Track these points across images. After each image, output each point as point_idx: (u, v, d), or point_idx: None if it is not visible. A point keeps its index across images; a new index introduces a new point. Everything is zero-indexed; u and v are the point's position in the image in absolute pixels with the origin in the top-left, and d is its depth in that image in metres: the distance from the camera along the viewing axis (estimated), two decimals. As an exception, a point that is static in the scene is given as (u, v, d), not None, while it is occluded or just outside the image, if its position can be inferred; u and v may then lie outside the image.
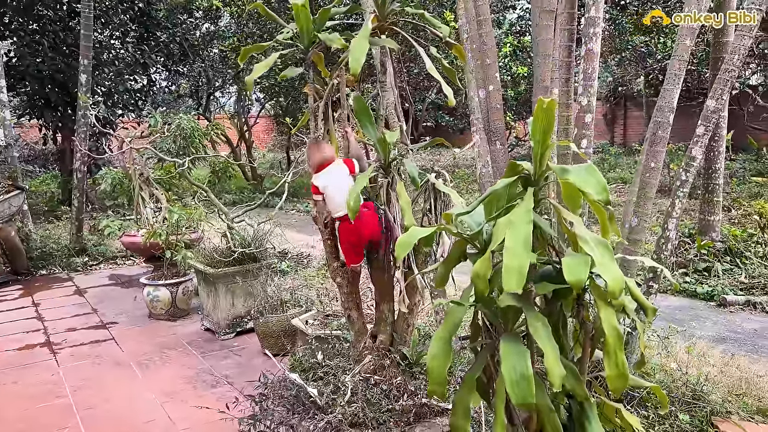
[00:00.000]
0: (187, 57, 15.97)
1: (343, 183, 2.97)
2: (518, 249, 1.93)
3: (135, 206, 7.06)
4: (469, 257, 2.38)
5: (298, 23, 2.91)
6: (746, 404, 3.81)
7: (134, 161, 7.05)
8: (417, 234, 2.16)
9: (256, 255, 5.35)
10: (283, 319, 4.79)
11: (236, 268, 5.26)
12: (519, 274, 1.89)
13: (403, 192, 2.78)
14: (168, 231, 5.94)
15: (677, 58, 3.93)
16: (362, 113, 2.99)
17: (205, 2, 14.94)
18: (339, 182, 2.99)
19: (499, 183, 2.20)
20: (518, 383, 1.99)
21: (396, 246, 2.15)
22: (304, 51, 2.99)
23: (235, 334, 5.37)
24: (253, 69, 2.79)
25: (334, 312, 4.67)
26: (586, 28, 3.73)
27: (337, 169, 3.03)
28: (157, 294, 5.85)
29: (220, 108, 23.29)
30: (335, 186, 3.00)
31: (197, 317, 5.95)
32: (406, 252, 2.14)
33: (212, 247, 5.60)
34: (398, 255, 2.14)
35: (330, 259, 3.19)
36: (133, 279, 7.57)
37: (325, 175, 3.03)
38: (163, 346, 5.24)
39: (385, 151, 2.91)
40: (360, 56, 2.62)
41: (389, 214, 2.93)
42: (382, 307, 3.18)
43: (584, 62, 3.73)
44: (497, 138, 4.16)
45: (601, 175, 1.98)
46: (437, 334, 2.16)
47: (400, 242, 2.15)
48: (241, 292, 5.36)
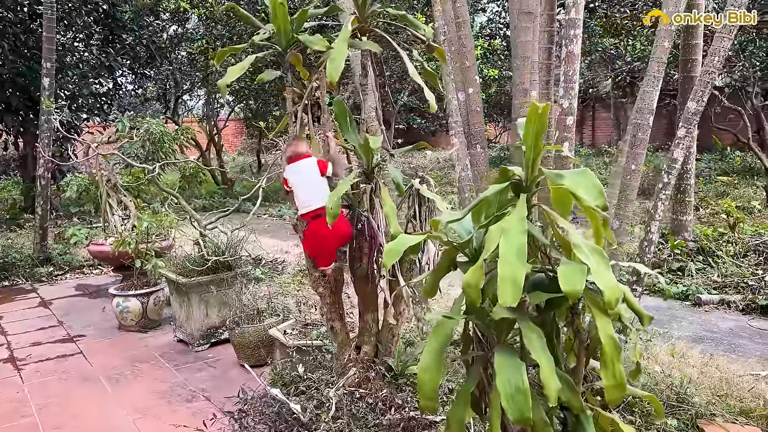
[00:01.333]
0: (154, 60, 15.64)
1: (310, 181, 2.94)
2: (512, 259, 1.85)
3: (102, 214, 6.84)
4: (460, 266, 2.30)
5: (275, 23, 2.80)
6: (729, 406, 3.80)
7: (101, 167, 6.83)
8: (405, 242, 2.07)
9: (231, 263, 5.19)
10: (260, 329, 4.65)
11: (210, 277, 5.10)
12: (514, 285, 1.82)
13: (387, 198, 2.69)
14: (137, 239, 5.75)
15: (656, 60, 3.93)
16: (342, 117, 2.89)
17: (172, 4, 14.67)
18: (305, 179, 2.96)
19: (490, 189, 2.13)
20: (514, 397, 1.92)
21: (384, 254, 2.06)
22: (282, 53, 2.88)
23: (209, 345, 5.21)
24: (227, 72, 2.67)
25: (313, 321, 4.55)
26: (566, 30, 3.69)
27: (307, 166, 2.97)
28: (127, 305, 5.65)
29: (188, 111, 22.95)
30: (301, 182, 2.97)
31: (169, 328, 5.77)
32: (395, 261, 2.05)
33: (184, 255, 5.43)
34: (386, 264, 2.05)
35: (311, 269, 3.08)
36: (100, 289, 7.33)
37: (294, 168, 2.99)
38: (135, 359, 5.05)
39: (368, 156, 2.81)
40: (339, 62, 2.52)
41: (372, 221, 2.84)
42: (366, 317, 3.08)
43: (565, 64, 3.69)
44: (477, 141, 4.10)
45: (597, 180, 1.92)
46: (428, 347, 2.08)
47: (389, 251, 2.06)
48: (215, 302, 5.20)
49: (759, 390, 4.14)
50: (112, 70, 14.56)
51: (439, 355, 2.04)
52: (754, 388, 4.16)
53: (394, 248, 2.05)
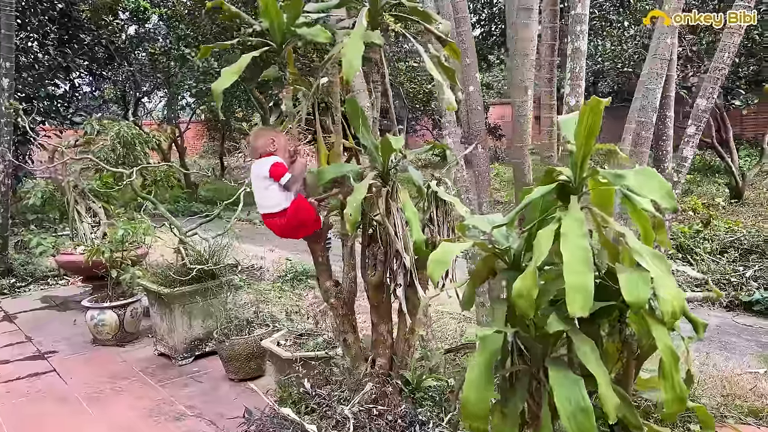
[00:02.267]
0: (113, 60, 15.09)
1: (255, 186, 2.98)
2: (579, 266, 1.71)
3: (70, 221, 6.50)
4: (500, 273, 2.15)
5: (267, 17, 2.60)
6: (738, 406, 3.76)
7: (68, 172, 6.48)
8: (452, 250, 1.91)
9: (215, 271, 4.94)
10: (250, 341, 4.43)
11: (194, 286, 4.84)
12: (584, 294, 1.68)
13: (408, 202, 2.53)
14: (112, 248, 5.44)
15: (659, 57, 3.87)
16: (356, 117, 2.72)
17: (132, 3, 14.18)
18: (253, 183, 3.01)
19: (535, 191, 1.98)
20: (575, 416, 1.78)
21: (430, 264, 1.90)
22: (278, 49, 2.68)
23: (193, 358, 4.95)
24: (222, 75, 2.46)
25: (307, 331, 4.35)
26: (572, 25, 3.59)
27: (258, 168, 2.96)
28: (103, 317, 5.34)
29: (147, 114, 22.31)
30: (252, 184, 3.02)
31: (148, 341, 5.48)
32: (443, 271, 1.89)
33: (164, 263, 5.16)
34: (433, 274, 1.88)
35: (322, 278, 2.89)
36: (69, 301, 6.95)
37: (252, 167, 3.01)
38: (114, 376, 4.75)
39: (386, 157, 2.64)
40: (356, 59, 2.35)
41: (389, 227, 2.66)
42: (380, 328, 2.91)
43: (571, 61, 3.59)
44: (478, 142, 3.97)
45: (665, 180, 1.79)
46: (474, 361, 1.92)
47: (436, 260, 1.89)
48: (199, 313, 4.95)
49: (762, 389, 4.13)
50: (69, 71, 14.00)
51: (488, 370, 1.89)
52: (756, 386, 4.14)
53: (441, 258, 1.88)
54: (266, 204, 2.94)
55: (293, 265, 7.65)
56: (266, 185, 2.89)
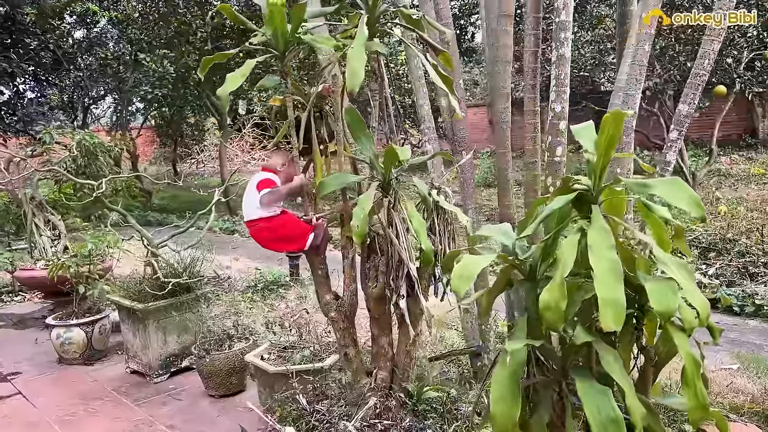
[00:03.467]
0: (60, 65, 14.53)
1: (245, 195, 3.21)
2: (610, 279, 1.70)
3: (28, 235, 6.21)
4: (517, 284, 2.13)
5: (271, 25, 2.53)
6: (720, 403, 3.86)
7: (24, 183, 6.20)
8: (477, 263, 1.87)
9: (190, 285, 4.79)
10: (231, 355, 4.30)
11: (168, 300, 4.67)
12: (617, 308, 1.67)
13: (415, 213, 2.49)
14: (78, 262, 5.22)
15: (637, 64, 3.93)
16: (356, 125, 2.66)
17: (79, 7, 13.71)
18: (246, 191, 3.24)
19: (555, 201, 1.97)
20: (606, 428, 1.77)
21: (453, 278, 1.86)
22: (280, 56, 2.61)
23: (169, 375, 4.78)
24: (227, 80, 2.38)
25: (291, 344, 4.25)
26: (556, 32, 3.61)
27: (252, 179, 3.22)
28: (70, 335, 5.10)
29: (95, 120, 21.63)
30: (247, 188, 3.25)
31: (118, 358, 5.27)
32: (468, 286, 1.85)
33: (135, 277, 4.97)
34: (458, 290, 1.84)
35: (321, 291, 2.82)
36: (27, 318, 6.61)
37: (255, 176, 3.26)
38: (86, 396, 4.54)
39: (388, 167, 2.59)
40: (359, 68, 2.30)
41: (393, 238, 2.62)
42: (380, 341, 2.85)
43: (556, 68, 3.62)
44: (462, 148, 3.96)
45: (692, 190, 1.80)
46: (499, 375, 1.89)
47: (459, 275, 1.85)
48: (174, 328, 4.78)
49: (738, 385, 4.25)
50: (13, 77, 13.41)
51: (515, 384, 1.86)
52: (732, 383, 4.26)
53: (465, 273, 1.84)
54: (245, 212, 3.24)
55: (263, 274, 7.50)
56: (252, 193, 3.12)
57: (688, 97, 3.50)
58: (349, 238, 2.72)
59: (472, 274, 1.84)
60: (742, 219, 9.69)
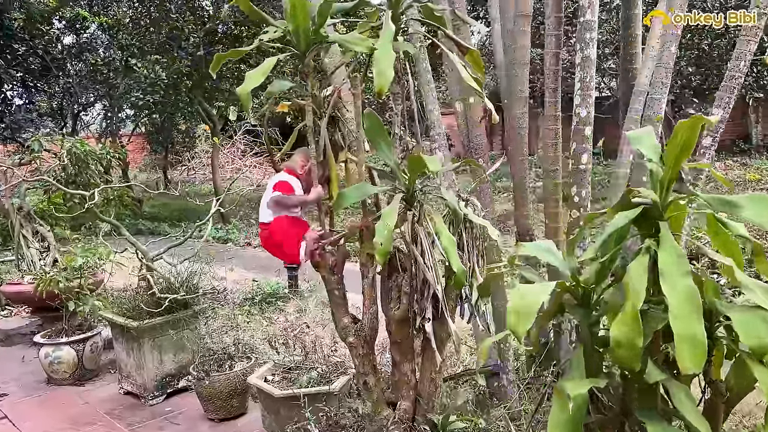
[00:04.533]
0: (49, 72, 14.20)
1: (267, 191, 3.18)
2: (686, 311, 1.47)
3: (16, 247, 5.92)
4: (569, 310, 1.89)
5: (293, 22, 2.29)
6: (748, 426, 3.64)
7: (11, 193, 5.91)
8: (536, 297, 1.62)
9: (187, 301, 4.52)
10: (232, 377, 4.04)
11: (165, 318, 4.40)
12: (697, 347, 1.44)
13: (443, 228, 2.25)
14: (68, 276, 4.94)
15: (663, 66, 3.73)
16: (376, 131, 2.42)
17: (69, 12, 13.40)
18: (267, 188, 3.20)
19: (619, 217, 1.74)
20: (685, 477, 1.53)
21: (512, 316, 1.61)
22: (302, 56, 2.37)
23: (165, 396, 4.50)
24: (246, 78, 2.13)
25: (296, 363, 3.99)
26: (580, 33, 3.40)
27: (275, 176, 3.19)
28: (59, 354, 4.81)
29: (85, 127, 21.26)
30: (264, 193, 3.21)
31: (110, 377, 4.98)
32: (528, 325, 1.60)
33: (130, 293, 4.69)
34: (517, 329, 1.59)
35: (338, 314, 2.57)
36: (14, 334, 6.28)
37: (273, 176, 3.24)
38: (77, 420, 4.25)
39: (413, 177, 2.36)
40: (387, 68, 2.06)
41: (418, 255, 2.37)
42: (403, 367, 2.60)
43: (581, 70, 3.40)
44: (479, 155, 3.73)
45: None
46: (558, 418, 1.65)
47: (517, 310, 1.61)
48: (171, 346, 4.51)
49: None
50: (0, 83, 13.09)
51: (578, 428, 1.62)
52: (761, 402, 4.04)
53: (523, 308, 1.60)
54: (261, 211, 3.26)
55: (260, 286, 7.22)
56: (268, 194, 3.09)
57: (722, 101, 3.29)
58: (369, 255, 2.47)
59: (533, 309, 1.59)
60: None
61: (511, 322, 1.61)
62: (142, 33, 12.47)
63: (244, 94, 2.10)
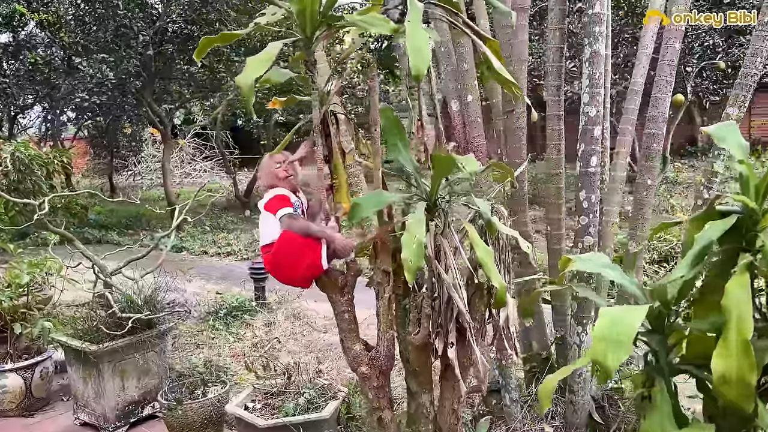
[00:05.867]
0: (-18, 72, 13.26)
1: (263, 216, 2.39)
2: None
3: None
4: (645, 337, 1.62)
5: (299, 1, 1.95)
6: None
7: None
8: (630, 322, 1.34)
9: (152, 320, 4.09)
10: (206, 404, 3.65)
11: (127, 339, 3.96)
12: None
13: (478, 239, 1.95)
14: (12, 295, 4.42)
15: (667, 63, 3.55)
16: (392, 130, 2.12)
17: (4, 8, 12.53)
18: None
19: (710, 229, 1.47)
20: None
21: (600, 344, 1.32)
22: (307, 40, 2.03)
23: (128, 426, 4.06)
24: (247, 65, 1.78)
25: (278, 388, 3.63)
26: (589, 26, 3.17)
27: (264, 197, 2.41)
28: (4, 382, 4.28)
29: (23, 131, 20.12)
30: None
31: (63, 406, 4.48)
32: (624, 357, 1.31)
33: (86, 312, 4.22)
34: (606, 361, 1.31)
35: (348, 341, 2.23)
36: (-52, 358, 5.69)
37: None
38: (26, 459, 3.78)
39: (437, 182, 2.05)
40: (424, 46, 1.76)
41: (442, 272, 2.07)
42: (421, 398, 2.29)
43: (589, 66, 3.17)
44: (477, 158, 3.45)
45: None
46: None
47: (606, 337, 1.32)
48: (134, 371, 4.07)
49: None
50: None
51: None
52: None
53: (614, 337, 1.31)
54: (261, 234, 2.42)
55: (224, 298, 6.78)
56: (264, 216, 2.36)
57: (738, 100, 3.11)
58: (385, 272, 2.15)
59: (628, 338, 1.31)
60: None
61: (598, 353, 1.32)
62: (86, 31, 11.74)
63: (247, 85, 1.75)
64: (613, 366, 1.30)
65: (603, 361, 1.31)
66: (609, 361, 1.30)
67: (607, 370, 1.30)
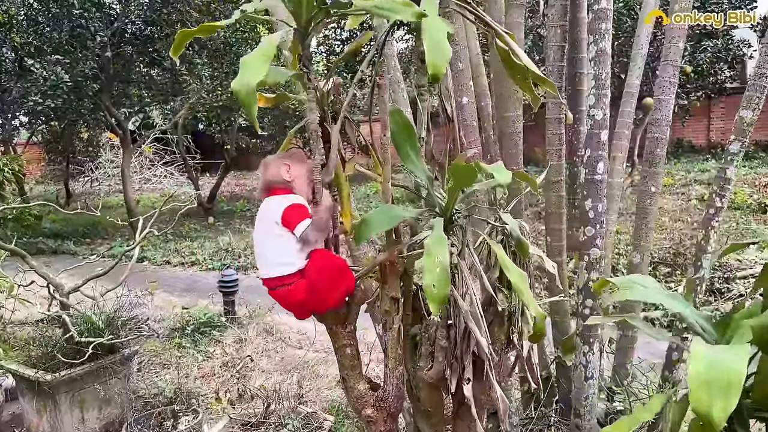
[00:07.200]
0: None
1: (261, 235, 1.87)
2: None
3: None
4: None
5: (293, -15, 1.65)
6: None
7: None
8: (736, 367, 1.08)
9: (114, 344, 3.72)
10: (178, 437, 3.30)
11: (86, 366, 3.59)
12: None
13: (508, 261, 1.68)
14: (-44, 318, 4.00)
15: (670, 63, 3.36)
16: (403, 134, 1.84)
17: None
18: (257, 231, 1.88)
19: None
20: None
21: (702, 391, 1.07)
22: (302, 32, 1.74)
23: (88, 462, 3.68)
24: (242, 65, 1.47)
25: (256, 418, 3.31)
26: (594, 23, 2.95)
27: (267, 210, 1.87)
28: (-54, 416, 3.87)
29: (-30, 136, 19.19)
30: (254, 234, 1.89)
31: (13, 440, 4.07)
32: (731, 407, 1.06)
33: (40, 337, 3.82)
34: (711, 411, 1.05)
35: (351, 379, 1.93)
36: None
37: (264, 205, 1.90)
38: (-28, 505, 3.37)
39: (453, 196, 1.78)
40: (443, 40, 1.50)
41: (459, 298, 1.80)
42: (433, 441, 2.01)
43: (595, 66, 2.95)
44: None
45: None
46: None
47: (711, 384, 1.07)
48: (95, 401, 3.69)
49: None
50: None
51: None
52: None
53: (719, 383, 1.06)
54: (271, 261, 1.84)
55: (191, 314, 6.39)
56: (275, 233, 1.81)
57: (752, 102, 2.92)
58: (394, 300, 1.86)
59: (736, 383, 1.05)
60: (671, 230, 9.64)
61: (701, 402, 1.06)
62: (39, 31, 11.13)
63: (245, 91, 1.42)
64: (719, 415, 1.04)
65: (708, 410, 1.05)
66: (715, 410, 1.05)
67: (714, 421, 1.05)
